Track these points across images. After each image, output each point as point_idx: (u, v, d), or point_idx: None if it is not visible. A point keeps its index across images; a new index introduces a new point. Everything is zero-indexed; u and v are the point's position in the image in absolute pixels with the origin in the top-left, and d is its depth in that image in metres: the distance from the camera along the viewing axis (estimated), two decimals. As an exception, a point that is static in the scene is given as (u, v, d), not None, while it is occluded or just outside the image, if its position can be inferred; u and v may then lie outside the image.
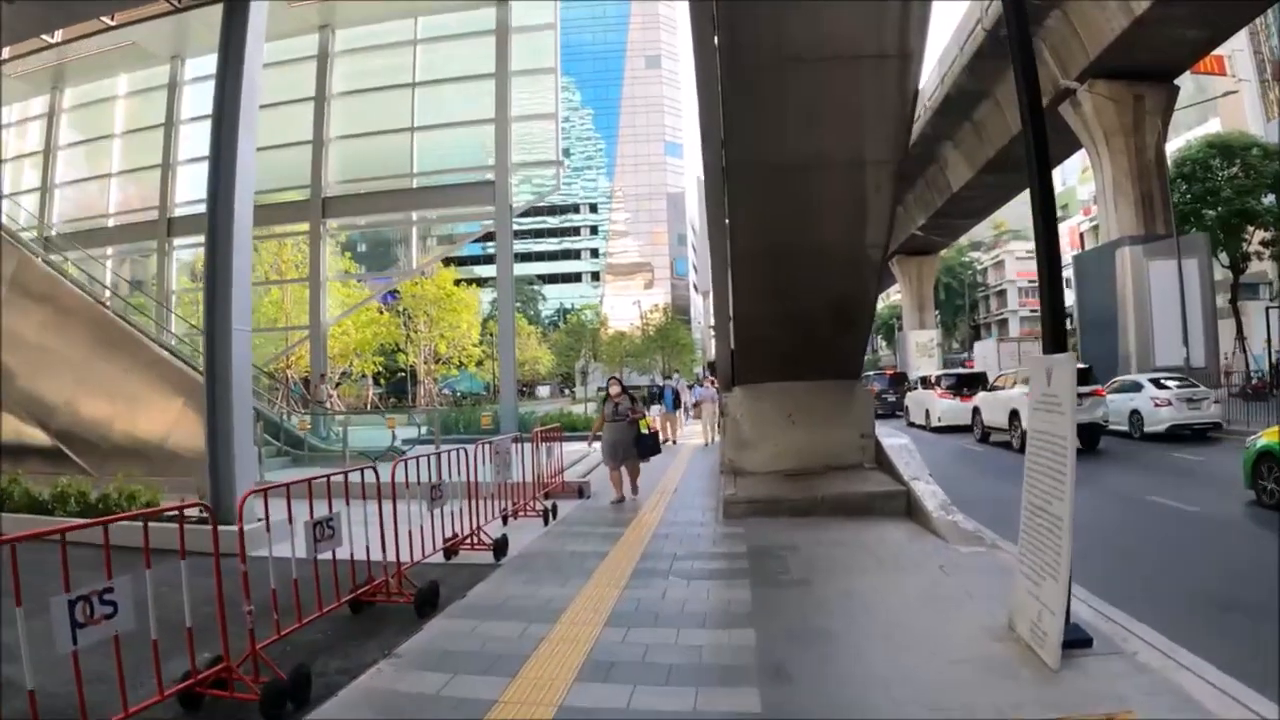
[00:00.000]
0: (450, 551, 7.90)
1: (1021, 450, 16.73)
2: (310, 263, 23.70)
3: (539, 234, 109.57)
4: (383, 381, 57.59)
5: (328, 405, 22.52)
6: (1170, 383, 19.44)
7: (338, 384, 42.42)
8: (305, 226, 24.04)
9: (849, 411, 11.51)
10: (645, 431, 11.23)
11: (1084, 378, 19.13)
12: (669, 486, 12.47)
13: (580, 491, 11.69)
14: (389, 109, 24.11)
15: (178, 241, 26.38)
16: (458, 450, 8.64)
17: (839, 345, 10.84)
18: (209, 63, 26.93)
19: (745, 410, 11.50)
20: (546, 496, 11.29)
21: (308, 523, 5.22)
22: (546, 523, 9.71)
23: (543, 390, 75.49)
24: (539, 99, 23.13)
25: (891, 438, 11.82)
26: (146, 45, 25.91)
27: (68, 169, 27.88)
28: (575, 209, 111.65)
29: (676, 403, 22.71)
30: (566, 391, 71.57)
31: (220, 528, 4.60)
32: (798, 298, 9.95)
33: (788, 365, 11.15)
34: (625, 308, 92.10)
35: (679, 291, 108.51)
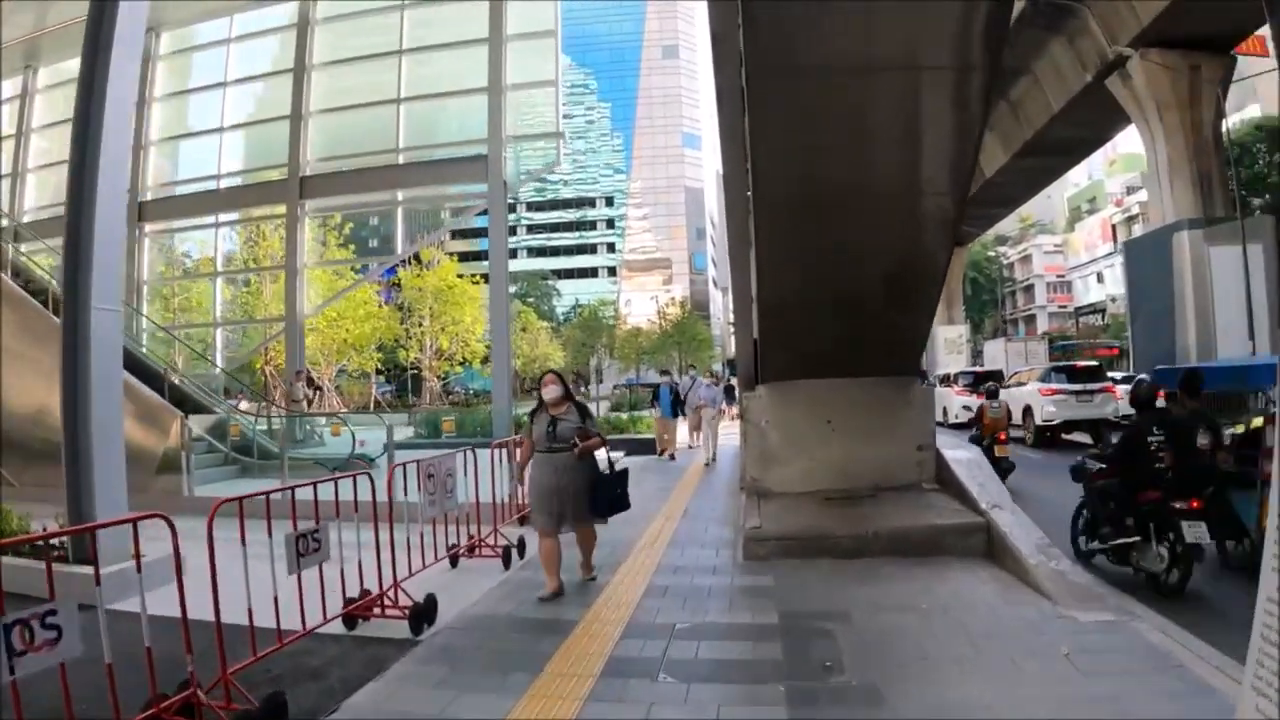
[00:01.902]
0: (354, 617, 5.58)
1: (1034, 446, 16.06)
2: (286, 248, 21.54)
3: (555, 228, 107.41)
4: (391, 379, 55.62)
5: (306, 406, 20.25)
6: None
7: (336, 383, 40.50)
8: (282, 209, 21.84)
9: (903, 416, 9.10)
10: (606, 470, 6.76)
11: (1094, 375, 20.79)
12: (675, 509, 10.05)
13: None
14: (373, 79, 21.92)
15: (148, 227, 24.28)
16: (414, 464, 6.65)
17: (894, 331, 8.42)
18: (191, 33, 25.22)
19: (772, 415, 9.07)
20: (522, 521, 9.00)
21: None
22: (508, 564, 7.37)
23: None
24: (537, 66, 20.76)
25: (955, 449, 9.41)
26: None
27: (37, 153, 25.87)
28: (591, 203, 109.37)
29: (678, 406, 17.33)
30: (583, 389, 69.34)
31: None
32: (841, 267, 7.55)
33: (826, 358, 8.75)
34: (643, 303, 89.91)
35: (698, 287, 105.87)
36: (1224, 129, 30.25)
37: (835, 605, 5.91)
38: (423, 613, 5.55)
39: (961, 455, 9.08)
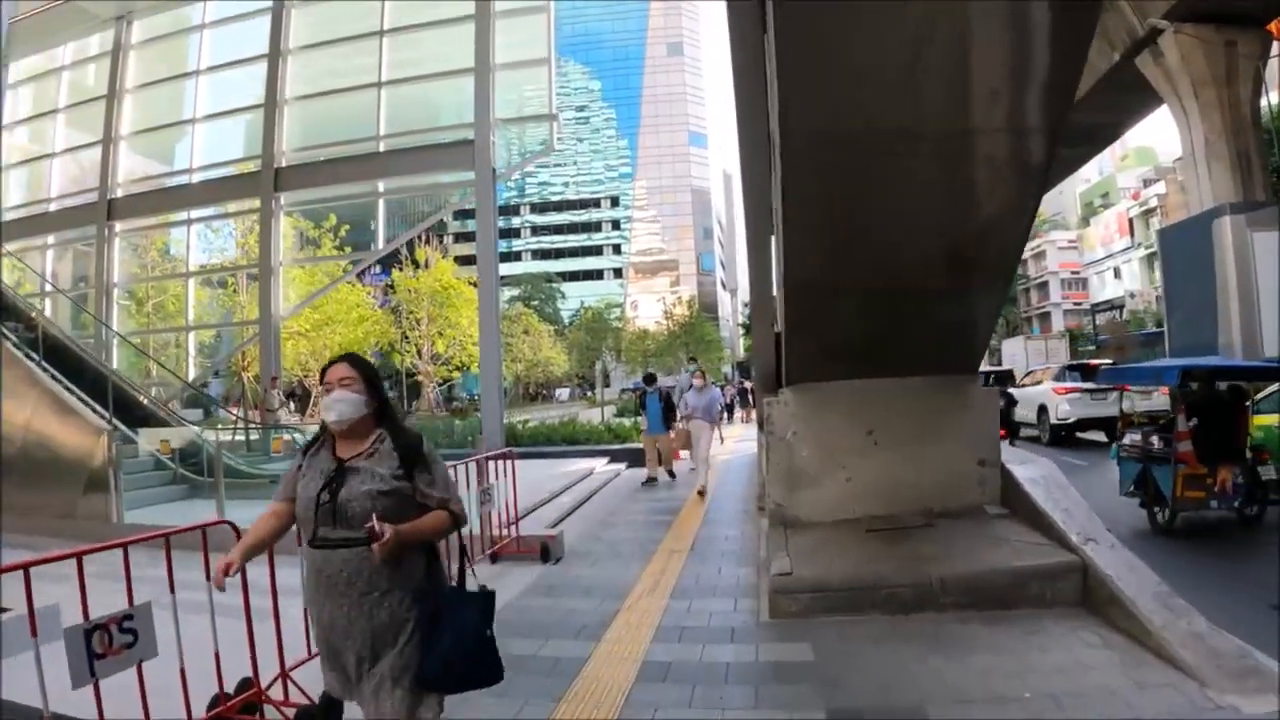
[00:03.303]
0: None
1: (1051, 444, 14.50)
2: (260, 245, 19.95)
3: (559, 230, 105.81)
4: (395, 385, 53.94)
5: (281, 415, 18.65)
6: None
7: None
8: (256, 203, 20.28)
9: (961, 424, 7.37)
10: (462, 587, 3.16)
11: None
12: (680, 540, 8.28)
13: (544, 552, 7.55)
14: (353, 63, 20.37)
15: (121, 226, 22.81)
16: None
17: (954, 319, 6.69)
18: (164, 21, 23.70)
19: (800, 425, 7.31)
20: (493, 559, 7.34)
21: None
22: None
23: (562, 393, 71.49)
24: (528, 44, 19.11)
25: (1025, 464, 7.67)
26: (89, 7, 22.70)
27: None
28: (596, 203, 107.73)
29: (669, 416, 13.24)
30: (589, 393, 67.56)
31: None
32: (890, 238, 5.84)
33: (867, 354, 7.03)
34: (650, 306, 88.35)
35: (706, 289, 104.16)
36: (1265, 106, 28.57)
37: (902, 693, 4.24)
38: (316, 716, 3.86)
39: (1034, 472, 7.35)
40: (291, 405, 21.27)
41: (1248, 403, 9.32)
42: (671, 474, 13.35)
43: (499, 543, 7.40)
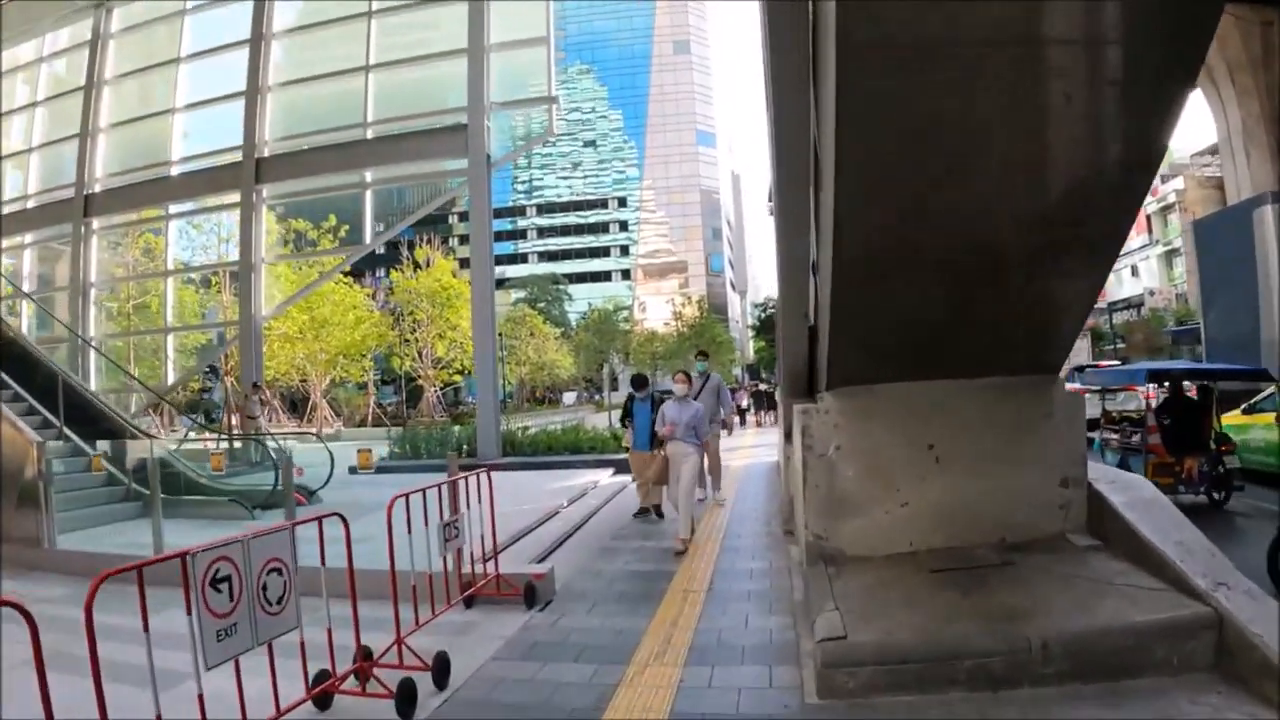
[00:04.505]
0: None
1: None
2: (241, 240, 18.69)
3: (565, 231, 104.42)
4: (400, 390, 52.56)
5: (263, 421, 17.35)
6: None
7: (328, 393, 37.64)
8: (236, 197, 19.03)
9: (1041, 435, 5.98)
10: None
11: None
12: (695, 579, 6.77)
13: (528, 595, 6.10)
14: (339, 49, 19.12)
15: (95, 222, 21.61)
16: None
17: (1044, 300, 5.29)
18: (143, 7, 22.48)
19: (846, 438, 5.89)
20: (468, 603, 6.00)
21: None
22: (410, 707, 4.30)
23: (569, 397, 70.01)
24: (525, 23, 17.78)
25: (1115, 483, 6.28)
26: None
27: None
28: (604, 203, 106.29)
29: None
30: (597, 397, 66.04)
31: None
32: (977, 181, 4.47)
33: (930, 349, 5.65)
34: (659, 307, 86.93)
35: (715, 290, 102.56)
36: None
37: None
38: None
39: (1130, 493, 5.97)
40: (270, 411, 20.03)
41: (1211, 401, 10.54)
42: (659, 512, 9.66)
43: (475, 583, 6.05)
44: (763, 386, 33.17)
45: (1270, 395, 11.90)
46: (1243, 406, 12.43)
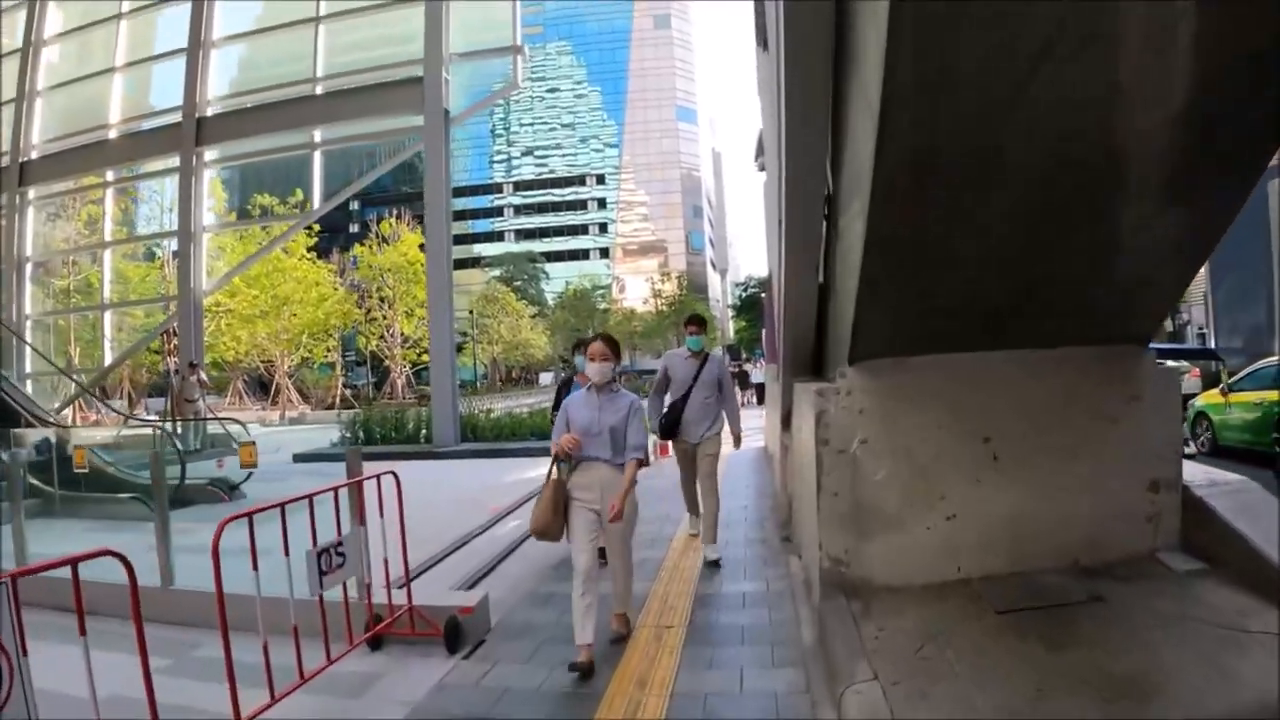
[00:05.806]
0: None
1: None
2: (180, 208, 17.06)
3: (542, 209, 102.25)
4: (374, 370, 50.73)
5: (202, 406, 15.76)
6: None
7: (291, 374, 35.94)
8: (175, 161, 17.39)
9: (1126, 425, 4.60)
10: None
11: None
12: (671, 611, 5.27)
13: (450, 634, 4.60)
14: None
15: (32, 192, 19.96)
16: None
17: (1153, 243, 3.88)
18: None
19: (875, 428, 4.39)
20: (375, 643, 4.57)
21: None
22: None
23: (546, 377, 68.54)
24: None
25: (1214, 485, 4.91)
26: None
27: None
28: (582, 180, 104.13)
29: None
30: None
31: None
32: (1090, 67, 3.04)
33: (997, 306, 4.20)
34: (638, 287, 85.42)
35: (695, 269, 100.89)
36: None
37: None
38: None
39: (1236, 498, 4.62)
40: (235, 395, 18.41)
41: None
42: (603, 559, 4.86)
43: (384, 619, 4.59)
44: (746, 366, 31.80)
45: (1252, 373, 11.69)
46: (1221, 386, 11.86)
